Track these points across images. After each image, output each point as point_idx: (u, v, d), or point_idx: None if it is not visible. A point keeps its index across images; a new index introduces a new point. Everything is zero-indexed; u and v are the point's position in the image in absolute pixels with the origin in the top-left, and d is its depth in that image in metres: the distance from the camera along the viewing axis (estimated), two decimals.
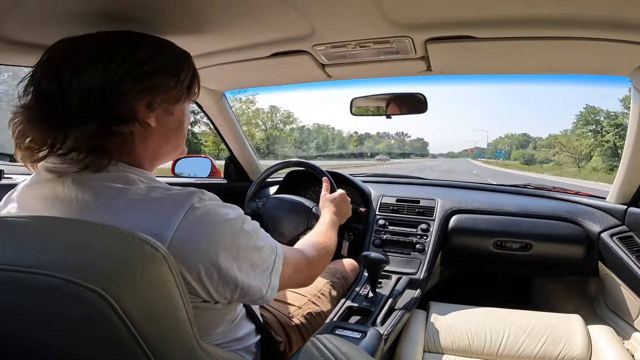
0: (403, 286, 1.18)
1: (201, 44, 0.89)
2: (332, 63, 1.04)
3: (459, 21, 0.77)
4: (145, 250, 0.42)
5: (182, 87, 0.61)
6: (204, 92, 1.41)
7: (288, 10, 0.71)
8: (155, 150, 0.62)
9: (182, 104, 0.64)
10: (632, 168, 1.19)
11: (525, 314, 1.19)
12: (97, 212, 0.50)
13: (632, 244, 1.24)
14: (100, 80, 0.52)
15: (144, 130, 0.58)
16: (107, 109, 0.53)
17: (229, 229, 0.56)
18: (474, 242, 1.45)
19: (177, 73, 0.60)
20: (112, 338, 0.37)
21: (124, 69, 0.54)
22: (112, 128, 0.53)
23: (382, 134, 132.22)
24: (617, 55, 0.87)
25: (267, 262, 0.61)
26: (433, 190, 1.68)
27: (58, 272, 0.36)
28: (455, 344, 1.10)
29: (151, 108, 0.57)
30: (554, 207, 1.46)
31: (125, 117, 0.54)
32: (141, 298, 0.40)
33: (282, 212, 1.43)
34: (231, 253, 0.55)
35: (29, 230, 0.43)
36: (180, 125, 0.65)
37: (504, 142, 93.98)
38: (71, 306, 0.36)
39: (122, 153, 0.57)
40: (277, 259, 0.64)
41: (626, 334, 1.22)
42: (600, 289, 1.43)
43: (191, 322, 0.46)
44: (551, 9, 0.70)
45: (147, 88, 0.56)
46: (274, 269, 0.62)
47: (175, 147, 0.66)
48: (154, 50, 0.59)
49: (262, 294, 0.60)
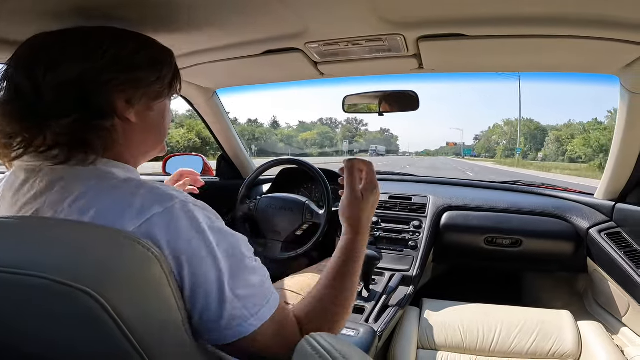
0: (396, 283, 1.19)
1: (192, 42, 0.88)
2: (325, 61, 1.04)
3: (450, 19, 0.77)
4: (136, 250, 0.42)
5: (163, 83, 0.60)
6: (195, 89, 1.40)
7: (280, 8, 0.71)
8: (136, 146, 0.60)
9: (163, 100, 0.62)
10: (620, 165, 1.21)
11: (517, 310, 1.21)
12: (74, 208, 0.48)
13: (620, 240, 1.26)
14: (79, 71, 0.51)
15: (124, 126, 0.56)
16: (86, 102, 0.51)
17: (206, 235, 0.49)
18: (466, 238, 1.47)
19: (159, 69, 0.59)
20: (105, 339, 0.36)
21: (107, 60, 0.53)
22: (91, 122, 0.52)
23: (325, 120, 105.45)
24: (604, 53, 0.88)
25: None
26: (425, 187, 1.69)
27: (46, 273, 0.35)
28: (449, 340, 1.11)
29: (131, 103, 0.56)
30: (544, 203, 1.48)
31: (105, 110, 0.53)
32: (134, 298, 0.39)
33: (275, 211, 1.42)
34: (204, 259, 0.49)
35: (14, 231, 0.43)
36: (161, 122, 0.64)
37: (501, 133, 71.20)
38: (62, 307, 0.35)
39: (104, 149, 0.54)
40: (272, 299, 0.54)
41: (615, 329, 1.24)
42: (589, 285, 1.46)
43: (184, 321, 0.45)
44: (540, 8, 0.71)
45: (129, 81, 0.55)
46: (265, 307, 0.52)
47: (156, 144, 0.65)
48: (138, 45, 0.58)
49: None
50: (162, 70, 0.60)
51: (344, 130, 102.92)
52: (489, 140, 77.84)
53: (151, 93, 0.59)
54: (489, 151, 75.06)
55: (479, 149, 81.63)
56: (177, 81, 0.64)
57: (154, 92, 0.59)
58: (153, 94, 0.59)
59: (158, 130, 0.63)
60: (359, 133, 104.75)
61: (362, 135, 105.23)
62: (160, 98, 0.61)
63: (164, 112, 0.64)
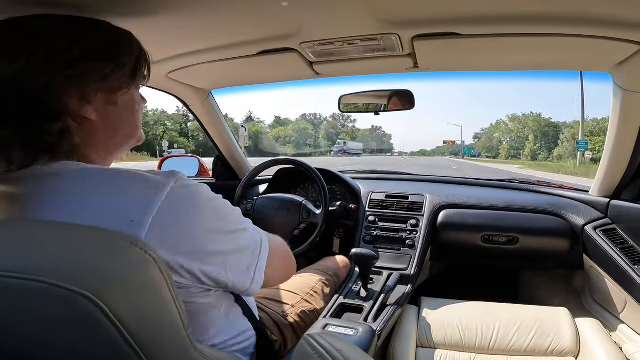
0: (394, 282, 1.19)
1: (187, 42, 0.88)
2: (320, 60, 1.04)
3: (444, 18, 0.78)
4: (133, 253, 0.42)
5: (123, 73, 0.54)
6: (190, 90, 1.39)
7: (275, 8, 0.70)
8: (102, 145, 0.55)
9: (127, 91, 0.56)
10: (614, 162, 1.22)
11: (514, 307, 1.22)
12: (54, 204, 0.46)
13: (616, 236, 1.27)
14: (10, 73, 0.46)
15: (83, 126, 0.51)
16: (28, 106, 0.46)
17: (214, 209, 0.54)
18: (463, 236, 1.47)
19: (115, 56, 0.53)
20: (105, 342, 0.36)
21: (39, 58, 0.47)
22: (40, 126, 0.47)
23: (309, 116, 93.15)
24: (597, 51, 0.89)
25: (253, 243, 0.61)
26: (421, 186, 1.70)
27: (45, 277, 0.35)
28: (448, 338, 1.11)
29: (86, 100, 0.51)
30: (539, 201, 1.49)
31: (53, 113, 0.48)
32: (133, 301, 0.39)
33: (272, 211, 1.42)
34: (218, 233, 0.54)
35: (12, 234, 0.42)
36: (130, 114, 0.58)
37: (505, 131, 64.38)
38: (61, 311, 0.35)
39: (65, 152, 0.50)
40: (263, 241, 0.63)
41: (613, 326, 1.25)
42: (586, 281, 1.46)
43: (184, 324, 0.45)
44: (534, 6, 0.71)
45: (74, 77, 0.49)
46: (261, 250, 0.61)
47: (128, 138, 0.59)
48: (80, 33, 0.51)
49: (251, 277, 0.59)
50: (117, 59, 0.53)
51: (327, 127, 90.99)
52: (490, 138, 70.54)
53: (108, 86, 0.53)
54: (490, 150, 68.49)
55: (479, 147, 74.42)
56: (142, 68, 0.58)
57: (112, 84, 0.53)
58: (111, 86, 0.53)
59: (127, 123, 0.58)
60: (345, 130, 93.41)
61: (350, 133, 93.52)
62: (122, 89, 0.55)
63: (131, 104, 0.58)
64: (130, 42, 0.57)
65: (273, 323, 0.87)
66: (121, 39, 0.56)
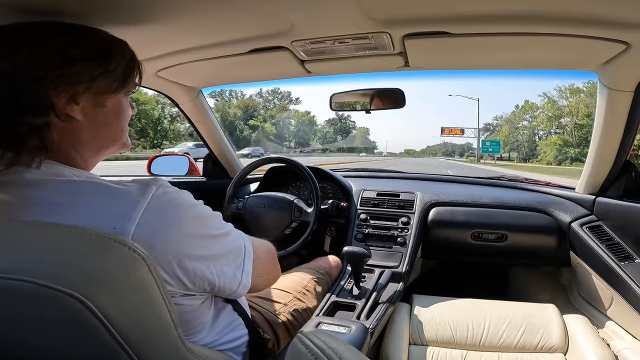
0: (386, 280, 1.20)
1: (177, 40, 0.87)
2: (312, 59, 1.04)
3: (435, 17, 0.78)
4: (122, 253, 0.41)
5: (113, 77, 0.56)
6: (180, 89, 1.38)
7: (266, 6, 0.70)
8: (85, 146, 0.57)
9: (115, 95, 0.58)
10: (600, 159, 1.24)
11: (504, 304, 1.23)
12: (34, 210, 0.47)
13: (601, 233, 1.29)
14: (9, 68, 0.48)
15: (69, 125, 0.53)
16: (18, 98, 0.48)
17: (196, 214, 0.55)
18: (453, 234, 1.49)
19: (105, 61, 0.55)
20: (94, 342, 0.36)
21: (37, 55, 0.50)
22: (21, 118, 0.48)
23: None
24: (584, 51, 0.90)
25: (237, 246, 0.62)
26: (412, 184, 1.71)
27: (33, 277, 0.34)
28: (439, 335, 1.12)
29: (75, 100, 0.52)
30: (527, 198, 1.51)
31: (38, 107, 0.50)
32: (122, 301, 0.39)
33: (263, 209, 1.42)
34: (201, 239, 0.55)
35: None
36: (116, 118, 0.60)
37: (543, 119, 40.22)
38: (49, 311, 0.35)
39: (45, 149, 0.51)
40: (247, 244, 0.65)
41: (600, 323, 1.27)
42: (573, 278, 1.49)
43: (175, 323, 0.45)
44: (522, 6, 0.72)
45: (64, 76, 0.51)
46: (246, 254, 0.63)
47: (112, 142, 0.61)
48: (77, 37, 0.54)
49: (239, 280, 0.61)
50: (109, 63, 0.56)
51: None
52: (514, 129, 45.46)
53: (97, 88, 0.55)
54: (515, 149, 45.54)
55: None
56: (133, 74, 0.60)
57: (102, 86, 0.55)
58: (100, 88, 0.55)
59: (111, 128, 0.60)
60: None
61: (317, 133, 69.99)
62: (111, 93, 0.57)
63: (118, 108, 0.60)
64: (123, 49, 0.60)
65: (265, 322, 0.87)
66: (113, 45, 0.59)
